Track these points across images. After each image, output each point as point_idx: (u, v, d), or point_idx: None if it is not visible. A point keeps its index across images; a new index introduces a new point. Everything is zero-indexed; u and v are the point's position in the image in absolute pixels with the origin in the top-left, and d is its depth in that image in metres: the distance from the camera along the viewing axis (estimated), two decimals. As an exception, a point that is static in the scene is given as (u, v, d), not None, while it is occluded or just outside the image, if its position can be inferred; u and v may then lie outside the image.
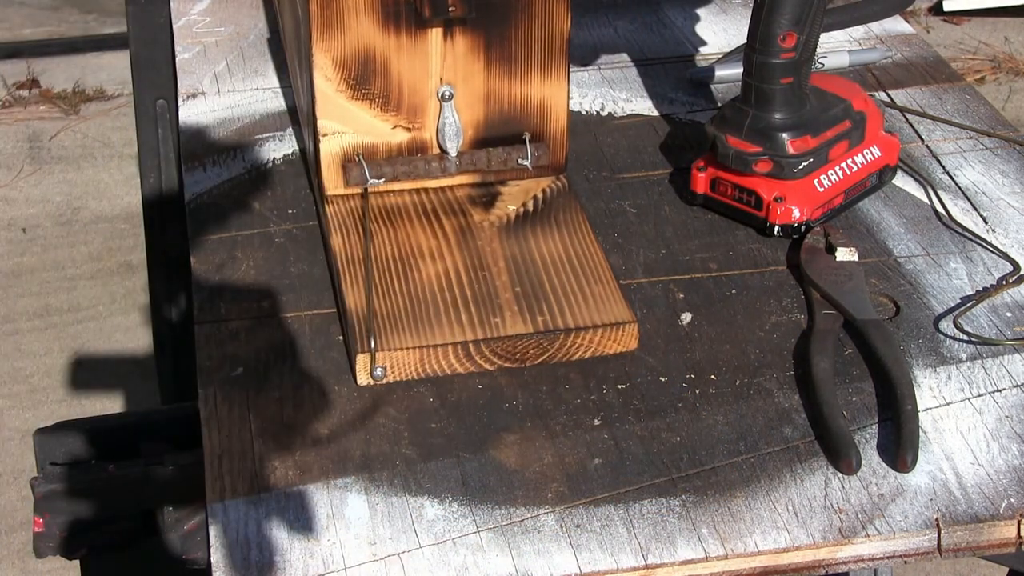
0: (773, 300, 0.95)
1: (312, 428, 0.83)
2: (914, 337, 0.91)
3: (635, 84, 1.21)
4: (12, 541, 2.04)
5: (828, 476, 0.80)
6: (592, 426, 0.83)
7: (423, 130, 0.98)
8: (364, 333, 0.87)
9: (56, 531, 0.90)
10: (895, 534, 0.77)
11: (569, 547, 0.75)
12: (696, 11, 1.34)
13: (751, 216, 1.01)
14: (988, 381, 0.87)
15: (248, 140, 1.12)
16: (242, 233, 1.00)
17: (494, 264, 0.93)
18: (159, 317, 1.49)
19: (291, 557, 0.75)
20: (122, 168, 2.91)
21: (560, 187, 1.01)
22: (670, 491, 0.79)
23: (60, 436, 0.94)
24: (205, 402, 0.85)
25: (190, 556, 0.91)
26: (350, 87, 0.96)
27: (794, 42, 0.96)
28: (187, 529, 0.91)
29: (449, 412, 0.85)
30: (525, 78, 0.98)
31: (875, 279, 0.96)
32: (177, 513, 0.91)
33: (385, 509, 0.78)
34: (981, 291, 0.95)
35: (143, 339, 2.39)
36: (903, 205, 1.05)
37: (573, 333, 0.88)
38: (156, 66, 1.37)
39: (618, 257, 0.98)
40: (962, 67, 3.19)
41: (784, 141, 0.98)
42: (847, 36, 1.30)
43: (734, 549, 0.75)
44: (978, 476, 0.80)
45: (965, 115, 1.17)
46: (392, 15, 0.94)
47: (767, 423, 0.84)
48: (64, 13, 3.50)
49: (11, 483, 2.15)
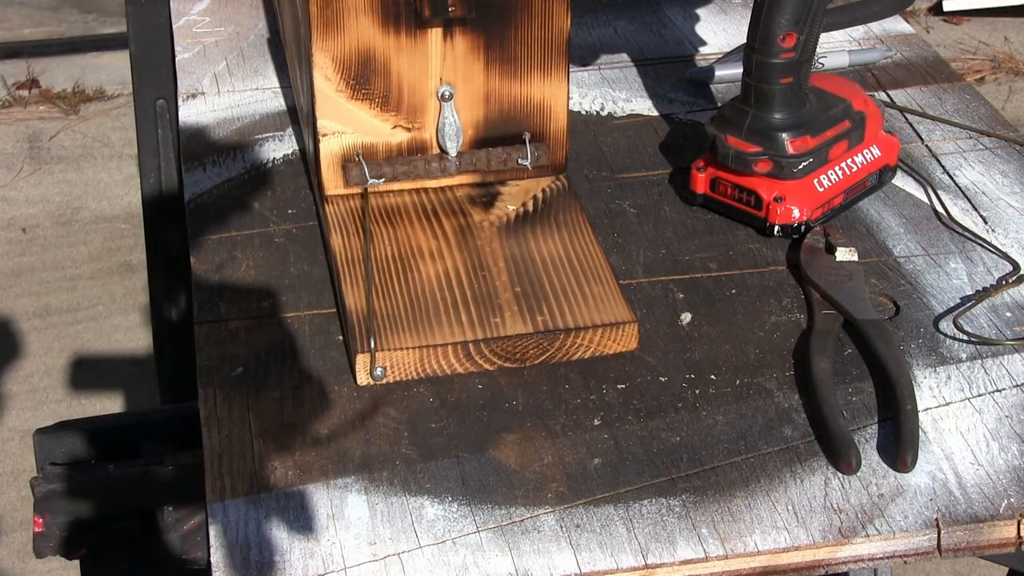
0: (773, 300, 0.95)
1: (312, 428, 0.83)
2: (914, 337, 0.91)
3: (635, 84, 1.21)
4: (12, 541, 2.04)
5: (828, 476, 0.80)
6: (592, 426, 0.83)
7: (423, 130, 0.98)
8: (364, 333, 0.87)
9: (56, 531, 0.90)
10: (895, 534, 0.77)
11: (569, 547, 0.75)
12: (696, 11, 1.34)
13: (751, 216, 1.01)
14: (988, 381, 0.87)
15: (248, 140, 1.12)
16: (242, 233, 1.00)
17: (494, 264, 0.93)
18: (159, 317, 1.49)
19: (291, 557, 0.75)
20: (122, 168, 2.91)
21: (560, 187, 1.01)
22: (670, 491, 0.79)
23: (60, 436, 0.94)
24: (205, 402, 0.85)
25: (190, 556, 0.91)
26: (350, 87, 0.96)
27: (794, 42, 0.96)
28: (187, 529, 0.91)
29: (449, 412, 0.85)
30: (525, 78, 0.98)
31: (875, 279, 0.96)
32: (177, 513, 0.91)
33: (385, 509, 0.78)
34: (981, 291, 0.95)
35: (143, 339, 2.39)
36: (903, 205, 1.05)
37: (573, 333, 0.88)
38: (156, 66, 1.37)
39: (618, 257, 0.98)
40: (962, 67, 3.19)
41: (784, 141, 0.98)
42: (847, 36, 1.30)
43: (734, 549, 0.75)
44: (978, 476, 0.80)
45: (965, 115, 1.17)
46: (392, 15, 0.94)
47: (767, 423, 0.84)
48: (64, 13, 3.50)
49: (11, 483, 2.15)
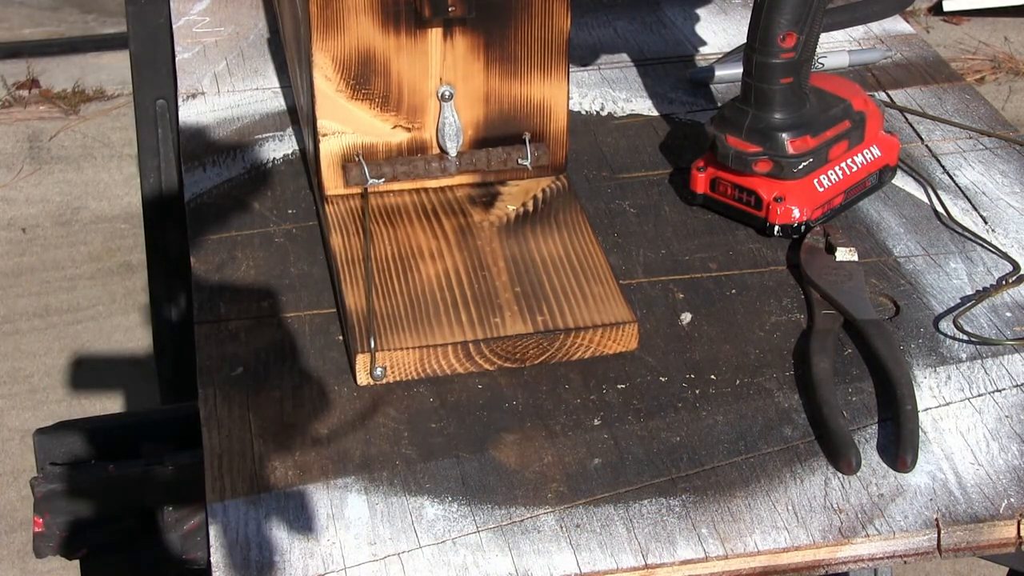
0: (773, 300, 0.95)
1: (312, 428, 0.83)
2: (914, 337, 0.91)
3: (635, 84, 1.21)
4: (12, 541, 2.04)
5: (828, 476, 0.80)
6: (592, 426, 0.83)
7: (423, 130, 0.98)
8: (364, 333, 0.87)
9: (56, 531, 0.90)
10: (895, 534, 0.77)
11: (569, 547, 0.75)
12: (696, 11, 1.34)
13: (751, 216, 1.01)
14: (988, 381, 0.87)
15: (248, 140, 1.12)
16: (242, 233, 1.00)
17: (494, 264, 0.93)
18: (159, 317, 1.49)
19: (291, 557, 0.75)
20: (122, 168, 2.91)
21: (560, 187, 1.01)
22: (670, 491, 0.79)
23: (60, 436, 0.94)
24: (205, 402, 0.85)
25: (190, 556, 0.91)
26: (350, 87, 0.96)
27: (794, 42, 0.96)
28: (187, 529, 0.91)
29: (449, 412, 0.85)
30: (525, 78, 0.98)
31: (875, 279, 0.96)
32: (177, 513, 0.91)
33: (385, 509, 0.78)
34: (981, 291, 0.95)
35: (143, 339, 2.39)
36: (903, 205, 1.05)
37: (573, 333, 0.88)
38: (156, 66, 1.37)
39: (618, 257, 0.98)
40: (962, 67, 3.19)
41: (784, 141, 0.98)
42: (847, 36, 1.30)
43: (734, 549, 0.75)
44: (978, 476, 0.80)
45: (965, 115, 1.17)
46: (392, 15, 0.94)
47: (767, 423, 0.84)
48: (64, 13, 3.50)
49: (11, 483, 2.15)
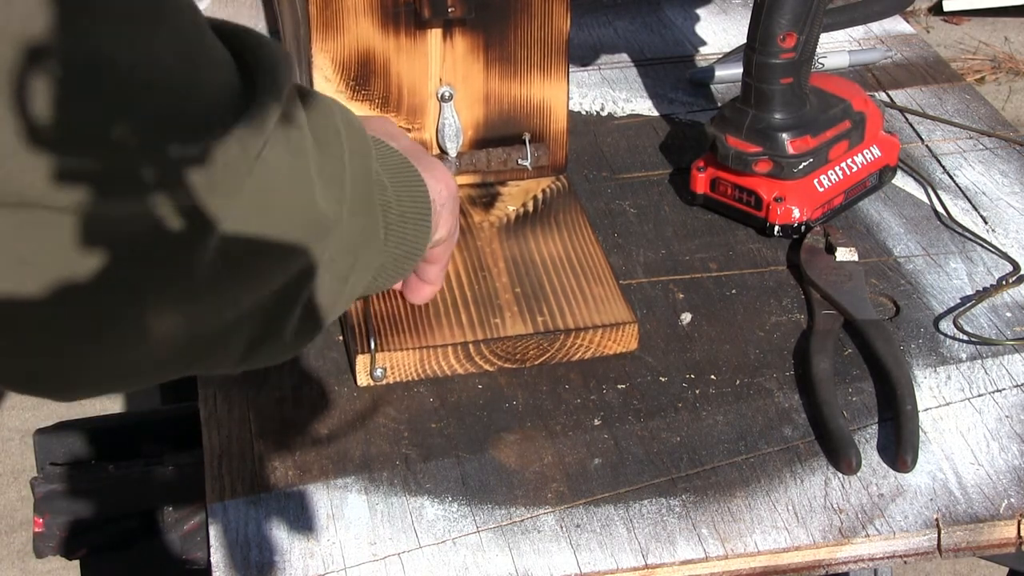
0: (773, 300, 0.95)
1: (312, 428, 0.83)
2: (914, 337, 0.91)
3: (635, 84, 1.21)
4: (12, 541, 2.04)
5: (828, 476, 0.80)
6: (592, 426, 0.83)
7: (423, 131, 0.98)
8: (364, 334, 0.86)
9: (56, 531, 0.90)
10: (895, 534, 0.77)
11: (569, 547, 0.75)
12: (696, 11, 1.34)
13: (751, 216, 1.01)
14: (988, 381, 0.87)
15: (248, 140, 1.11)
16: (242, 233, 1.00)
17: (494, 265, 0.93)
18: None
19: (291, 557, 0.75)
20: (122, 168, 2.90)
21: (560, 187, 1.01)
22: (670, 491, 0.79)
23: (60, 436, 0.94)
24: (205, 402, 0.85)
25: (190, 556, 0.91)
26: (350, 88, 0.96)
27: (794, 42, 0.96)
28: (187, 529, 0.91)
29: (449, 412, 0.84)
30: (525, 78, 0.98)
31: (875, 279, 0.96)
32: (177, 513, 0.91)
33: (385, 509, 0.78)
34: (981, 291, 0.95)
35: (143, 339, 2.38)
36: (903, 205, 1.05)
37: (573, 333, 0.88)
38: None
39: (618, 257, 0.98)
40: (962, 67, 3.19)
41: (784, 141, 0.98)
42: (847, 36, 1.30)
43: (734, 549, 0.75)
44: (978, 476, 0.80)
45: (965, 115, 1.17)
46: (391, 16, 0.94)
47: (767, 423, 0.84)
48: (64, 13, 3.49)
49: (11, 483, 2.15)
